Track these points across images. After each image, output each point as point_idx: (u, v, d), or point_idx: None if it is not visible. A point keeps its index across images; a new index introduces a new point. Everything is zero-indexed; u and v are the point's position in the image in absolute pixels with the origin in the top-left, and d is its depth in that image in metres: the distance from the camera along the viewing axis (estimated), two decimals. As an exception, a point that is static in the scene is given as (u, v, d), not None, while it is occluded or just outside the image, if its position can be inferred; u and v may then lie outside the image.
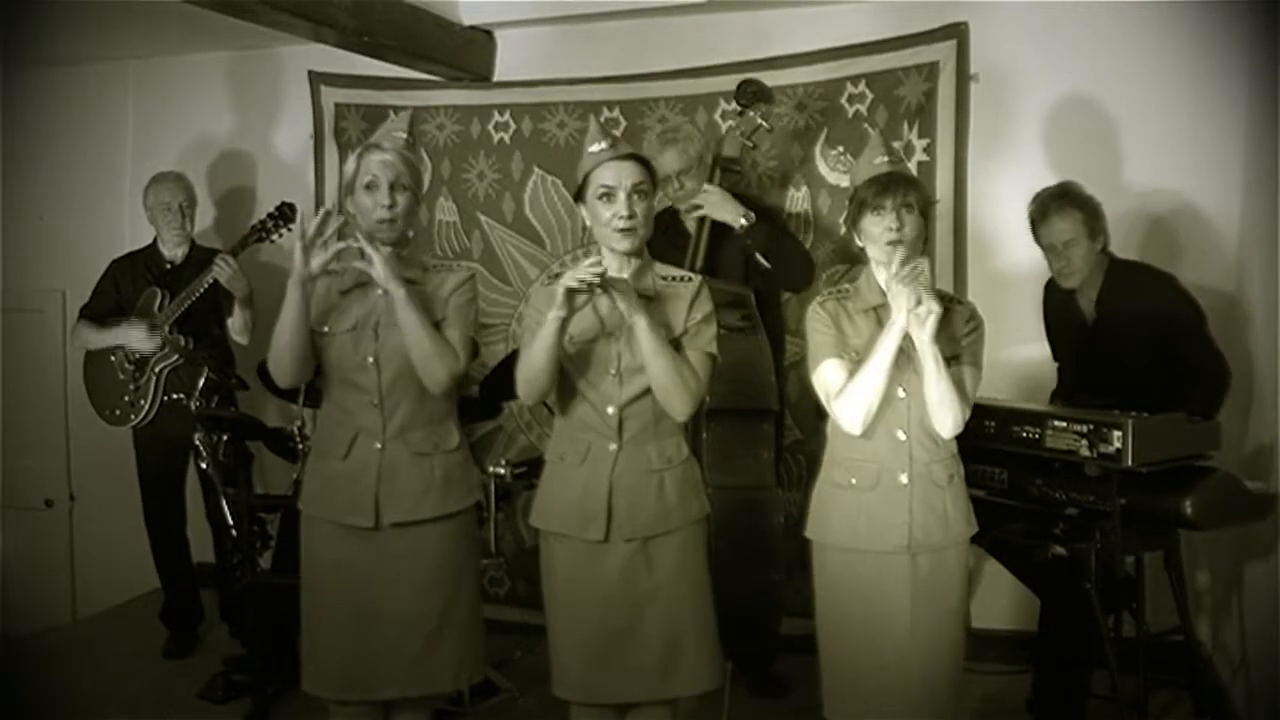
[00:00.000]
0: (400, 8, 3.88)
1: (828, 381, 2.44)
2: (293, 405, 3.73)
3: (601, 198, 2.37)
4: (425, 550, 2.55)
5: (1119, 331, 3.17)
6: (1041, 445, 2.91)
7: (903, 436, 2.42)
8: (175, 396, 4.00)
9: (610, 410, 2.40)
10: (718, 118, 4.00)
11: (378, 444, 2.54)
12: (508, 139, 4.33)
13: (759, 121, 3.59)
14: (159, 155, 4.69)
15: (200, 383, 3.79)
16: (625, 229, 2.35)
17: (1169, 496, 2.84)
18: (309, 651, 2.61)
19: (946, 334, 2.39)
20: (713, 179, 3.54)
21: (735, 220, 3.44)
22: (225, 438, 3.61)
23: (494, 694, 3.58)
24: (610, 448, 2.41)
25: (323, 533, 2.59)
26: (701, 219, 3.50)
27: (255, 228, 4.03)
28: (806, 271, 3.57)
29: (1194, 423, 2.89)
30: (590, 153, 2.40)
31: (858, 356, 2.41)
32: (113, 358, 4.10)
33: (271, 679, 3.53)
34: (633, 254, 2.41)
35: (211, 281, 3.96)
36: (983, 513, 2.55)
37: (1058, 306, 3.36)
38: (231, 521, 3.57)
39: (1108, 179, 3.55)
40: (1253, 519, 3.01)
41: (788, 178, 3.97)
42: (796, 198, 3.97)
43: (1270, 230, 3.16)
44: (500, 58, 4.41)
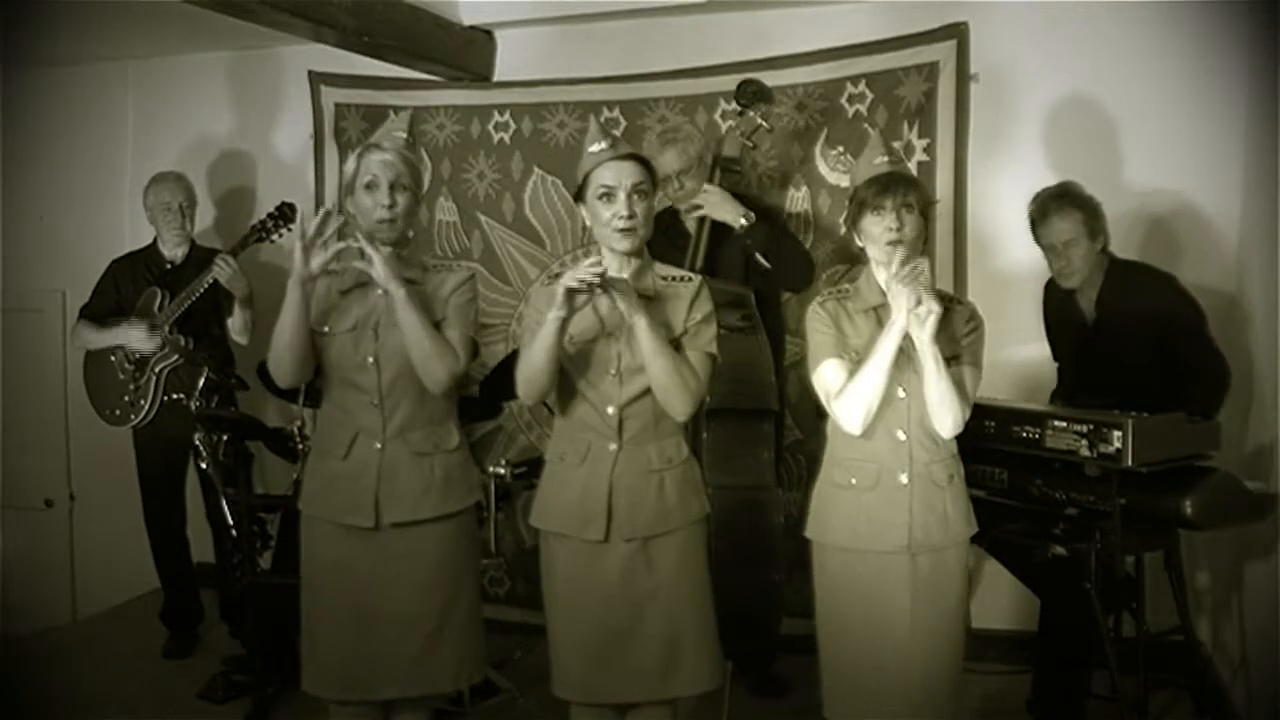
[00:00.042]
0: (400, 8, 3.88)
1: (828, 381, 2.44)
2: (293, 405, 3.73)
3: (601, 198, 2.37)
4: (425, 550, 2.55)
5: (1119, 331, 3.17)
6: (1041, 445, 2.91)
7: (903, 436, 2.42)
8: (175, 396, 4.00)
9: (610, 410, 2.40)
10: (718, 118, 4.00)
11: (378, 444, 2.54)
12: (508, 139, 4.33)
13: (759, 121, 3.59)
14: (159, 155, 4.69)
15: (200, 383, 3.79)
16: (625, 229, 2.35)
17: (1169, 496, 2.84)
18: (309, 651, 2.61)
19: (946, 334, 2.39)
20: (713, 179, 3.54)
21: (735, 220, 3.44)
22: (225, 438, 3.61)
23: (494, 694, 3.58)
24: (610, 448, 2.41)
25: (323, 533, 2.59)
26: (701, 219, 3.50)
27: (255, 228, 4.03)
28: (807, 271, 3.57)
29: (1194, 423, 2.89)
30: (590, 153, 2.40)
31: (858, 356, 2.41)
32: (113, 358, 4.10)
33: (271, 679, 3.53)
34: (633, 254, 2.41)
35: (211, 281, 3.96)
36: (983, 513, 2.55)
37: (1058, 306, 3.36)
38: (231, 521, 3.57)
39: (1108, 179, 3.55)
40: (1253, 519, 3.01)
41: (788, 178, 3.97)
42: (796, 198, 3.97)
43: (1270, 230, 3.16)
44: (500, 58, 4.41)
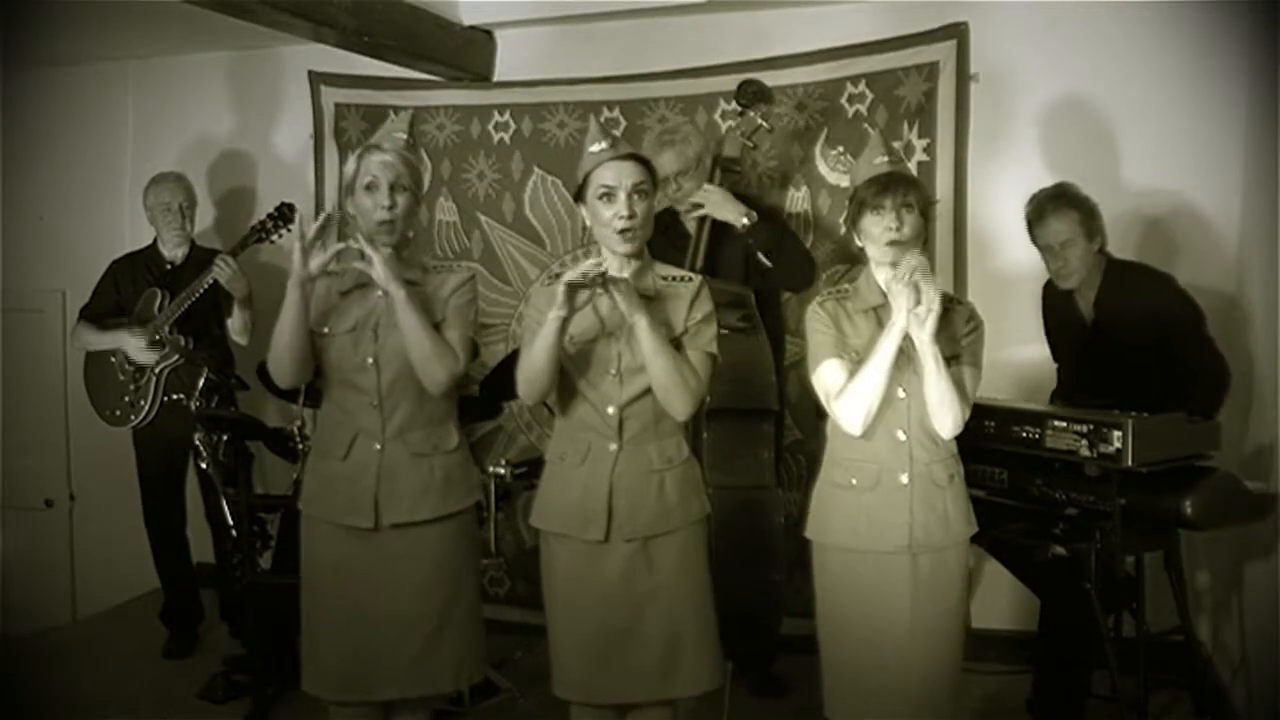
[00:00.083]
0: (400, 8, 3.88)
1: (828, 382, 2.44)
2: (293, 405, 3.73)
3: (602, 198, 2.37)
4: (425, 551, 2.55)
5: (1117, 332, 3.17)
6: (1041, 445, 2.91)
7: (903, 437, 2.42)
8: (175, 397, 4.00)
9: (610, 410, 2.40)
10: (718, 118, 4.00)
11: (377, 445, 2.54)
12: (508, 139, 4.33)
13: (759, 122, 3.59)
14: (159, 155, 4.69)
15: (200, 383, 3.79)
16: (625, 229, 2.35)
17: (1169, 496, 2.83)
18: (309, 652, 2.61)
19: (946, 334, 2.39)
20: (713, 179, 3.53)
21: (738, 219, 3.43)
22: (225, 438, 3.61)
23: (494, 694, 3.58)
24: (610, 448, 2.41)
25: (322, 533, 2.59)
26: (702, 219, 3.50)
27: (255, 228, 4.02)
28: (808, 271, 3.57)
29: (1194, 423, 2.89)
30: (590, 153, 2.40)
31: (858, 357, 2.41)
32: (113, 358, 4.10)
33: (271, 679, 3.53)
34: (633, 255, 2.41)
35: (211, 282, 3.95)
36: (983, 513, 2.55)
37: (1056, 307, 3.36)
38: (231, 521, 3.57)
39: (1107, 179, 3.56)
40: (1253, 519, 3.01)
41: (788, 178, 3.97)
42: (796, 198, 3.97)
43: (1270, 230, 3.16)
44: (500, 58, 4.41)
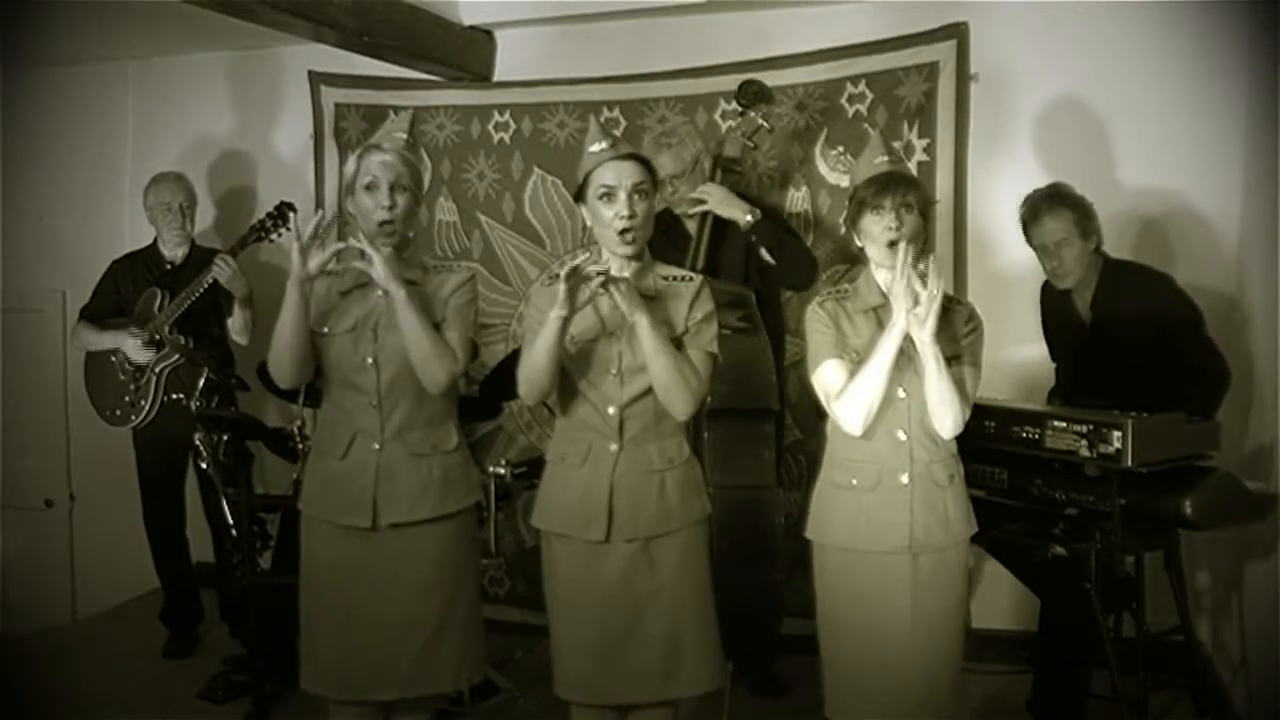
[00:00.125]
0: (400, 8, 3.88)
1: (828, 382, 2.44)
2: (293, 405, 3.73)
3: (602, 198, 2.37)
4: (424, 551, 2.55)
5: (1115, 332, 3.17)
6: (1041, 445, 2.91)
7: (903, 437, 2.42)
8: (175, 397, 4.00)
9: (611, 410, 2.40)
10: (718, 118, 4.00)
11: (376, 444, 2.54)
12: (508, 139, 4.33)
13: (760, 122, 3.59)
14: (159, 155, 4.69)
15: (200, 383, 3.79)
16: (626, 229, 2.35)
17: (1169, 496, 2.83)
18: (308, 651, 2.61)
19: (946, 334, 2.39)
20: (714, 179, 3.54)
21: (741, 217, 3.43)
22: (225, 438, 3.61)
23: (494, 694, 3.58)
24: (611, 448, 2.41)
25: (322, 533, 2.59)
26: (703, 219, 3.50)
27: (254, 227, 4.02)
28: (810, 270, 3.57)
29: (1193, 423, 2.89)
30: (591, 153, 2.40)
31: (858, 357, 2.41)
32: (113, 358, 4.10)
33: (271, 679, 3.52)
34: (634, 255, 2.41)
35: (211, 281, 3.95)
36: (983, 513, 2.55)
37: (1054, 307, 3.36)
38: (231, 521, 3.57)
39: (1107, 179, 3.56)
40: (1253, 519, 3.01)
41: (788, 178, 3.97)
42: (796, 198, 3.97)
43: (1270, 230, 3.16)
44: (500, 58, 4.41)
